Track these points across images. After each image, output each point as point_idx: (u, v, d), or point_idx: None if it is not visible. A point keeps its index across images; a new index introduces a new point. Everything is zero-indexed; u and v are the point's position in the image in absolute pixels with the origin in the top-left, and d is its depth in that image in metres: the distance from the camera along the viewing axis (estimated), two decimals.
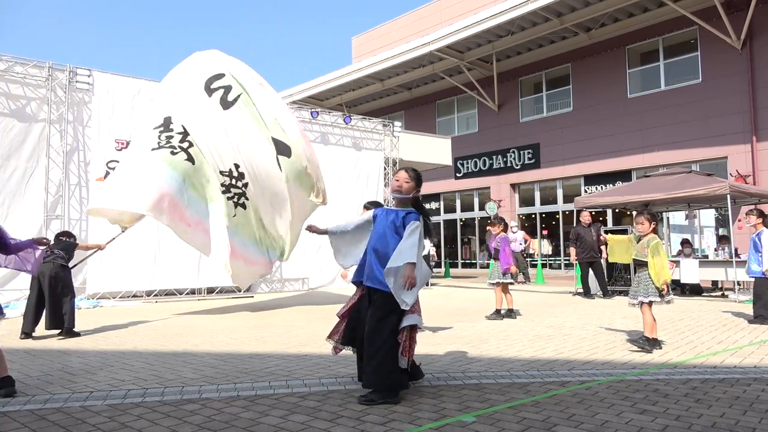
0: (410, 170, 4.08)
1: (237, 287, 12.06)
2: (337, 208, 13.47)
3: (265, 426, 3.21)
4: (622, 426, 3.15)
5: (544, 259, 21.06)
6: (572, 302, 10.35)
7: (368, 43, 27.98)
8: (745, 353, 5.26)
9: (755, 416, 3.32)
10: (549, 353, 5.35)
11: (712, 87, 16.97)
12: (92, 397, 3.89)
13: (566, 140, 20.38)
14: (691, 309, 8.80)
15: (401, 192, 3.98)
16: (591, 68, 19.84)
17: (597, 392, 3.88)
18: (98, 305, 10.09)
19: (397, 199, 4.05)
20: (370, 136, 14.86)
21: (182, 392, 3.98)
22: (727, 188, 10.31)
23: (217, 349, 5.75)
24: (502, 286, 8.06)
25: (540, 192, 21.95)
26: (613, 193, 13.07)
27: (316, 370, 4.70)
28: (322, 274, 12.92)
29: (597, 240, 11.36)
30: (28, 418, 3.41)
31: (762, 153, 15.97)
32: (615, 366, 4.76)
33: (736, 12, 16.26)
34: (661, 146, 17.79)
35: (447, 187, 24.40)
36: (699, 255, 12.91)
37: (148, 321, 8.18)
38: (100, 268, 10.43)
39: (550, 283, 15.64)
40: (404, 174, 4.03)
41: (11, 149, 10.01)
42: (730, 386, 4.02)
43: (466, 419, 3.29)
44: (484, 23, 19.07)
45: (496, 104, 22.64)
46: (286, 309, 9.61)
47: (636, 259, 5.62)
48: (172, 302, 10.91)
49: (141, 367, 4.89)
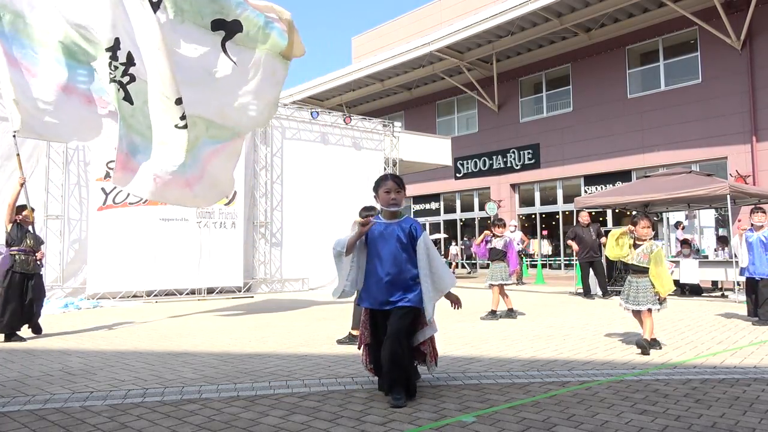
0: (395, 177, 3.93)
1: (237, 287, 12.08)
2: (337, 208, 13.47)
3: (265, 426, 3.21)
4: (622, 426, 3.14)
5: (544, 259, 21.05)
6: (572, 302, 10.35)
7: (368, 43, 27.98)
8: (745, 353, 5.26)
9: (755, 416, 3.32)
10: (549, 353, 5.35)
11: (712, 87, 16.97)
12: (92, 397, 3.88)
13: (566, 140, 20.38)
14: (691, 309, 8.79)
15: (398, 204, 3.84)
16: (591, 68, 19.84)
17: (597, 392, 3.87)
18: (98, 305, 10.09)
19: (392, 213, 3.86)
20: (370, 136, 14.86)
21: (182, 392, 3.98)
22: (727, 188, 10.31)
23: (217, 349, 5.75)
24: (500, 287, 8.06)
25: (540, 192, 21.95)
26: (613, 193, 13.07)
27: (316, 370, 4.70)
28: (322, 274, 12.90)
29: (597, 238, 11.42)
30: (28, 418, 3.40)
31: (762, 153, 15.97)
32: (615, 366, 4.76)
33: (736, 12, 16.26)
34: (661, 146, 17.79)
35: (447, 188, 24.41)
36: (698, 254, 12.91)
37: (148, 321, 8.17)
38: (100, 268, 10.43)
39: (549, 283, 15.63)
40: (393, 184, 3.84)
41: (11, 149, 9.98)
42: (730, 386, 4.01)
43: (466, 419, 3.29)
44: (484, 23, 19.08)
45: (496, 104, 22.64)
46: (286, 309, 9.61)
47: (636, 265, 5.47)
48: (172, 302, 10.91)
49: (141, 367, 4.89)
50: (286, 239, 13.15)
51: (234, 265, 11.94)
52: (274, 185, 13.22)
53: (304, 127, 13.75)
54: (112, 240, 10.47)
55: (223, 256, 11.73)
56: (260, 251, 12.91)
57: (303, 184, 13.40)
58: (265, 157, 13.09)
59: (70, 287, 10.65)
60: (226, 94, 6.75)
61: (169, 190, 6.73)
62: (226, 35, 6.56)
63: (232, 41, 6.61)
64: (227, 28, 6.55)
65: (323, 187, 13.53)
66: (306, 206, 13.26)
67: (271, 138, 13.19)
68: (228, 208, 11.92)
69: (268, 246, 13.02)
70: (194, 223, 11.45)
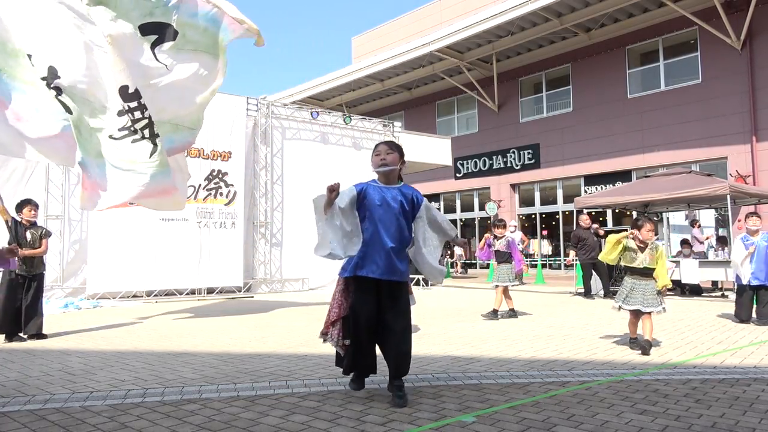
0: (387, 141, 3.89)
1: (237, 287, 12.08)
2: None
3: (265, 426, 3.21)
4: (622, 426, 3.15)
5: (544, 260, 21.05)
6: (572, 302, 10.35)
7: (368, 43, 27.98)
8: (745, 353, 5.26)
9: (755, 416, 3.32)
10: (549, 353, 5.35)
11: (712, 87, 16.97)
12: (92, 397, 3.88)
13: (566, 140, 20.38)
14: (691, 309, 8.79)
15: (387, 164, 3.69)
16: (591, 68, 19.84)
17: (597, 392, 3.88)
18: (98, 305, 10.09)
19: (384, 174, 3.72)
20: (370, 136, 14.86)
21: (182, 392, 3.98)
22: (727, 188, 10.31)
23: (217, 349, 5.75)
24: (504, 288, 8.10)
25: (540, 192, 21.95)
26: (613, 193, 13.07)
27: (316, 370, 4.70)
28: (322, 274, 12.90)
29: (598, 239, 11.46)
30: (28, 418, 3.40)
31: (762, 153, 15.97)
32: (615, 366, 4.76)
33: (736, 12, 16.26)
34: (661, 146, 17.79)
35: (447, 188, 24.40)
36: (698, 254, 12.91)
37: (148, 321, 8.18)
38: (100, 268, 10.43)
39: (549, 283, 15.64)
40: (384, 146, 3.76)
41: None
42: (730, 386, 4.01)
43: (466, 419, 3.29)
44: (484, 23, 19.08)
45: (496, 104, 22.64)
46: (286, 309, 9.61)
47: (647, 268, 5.41)
48: (172, 302, 10.91)
49: (141, 367, 4.89)
50: (286, 239, 13.15)
51: (234, 265, 11.94)
52: (275, 185, 13.22)
53: (304, 127, 13.75)
54: (112, 240, 10.47)
55: (223, 256, 11.73)
56: (260, 251, 12.91)
57: (303, 184, 13.37)
58: (265, 157, 13.09)
59: (70, 287, 10.65)
60: (169, 96, 6.16)
61: (146, 199, 6.39)
62: (157, 39, 5.97)
63: (165, 46, 6.03)
64: (158, 31, 5.97)
65: (323, 188, 13.47)
66: (306, 206, 13.03)
67: (271, 138, 13.19)
68: (228, 208, 11.93)
69: (268, 246, 13.02)
70: (194, 223, 11.46)
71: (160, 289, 11.27)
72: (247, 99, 12.76)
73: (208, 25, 6.18)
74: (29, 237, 6.57)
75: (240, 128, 12.30)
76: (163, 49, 6.04)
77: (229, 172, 11.97)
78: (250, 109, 12.82)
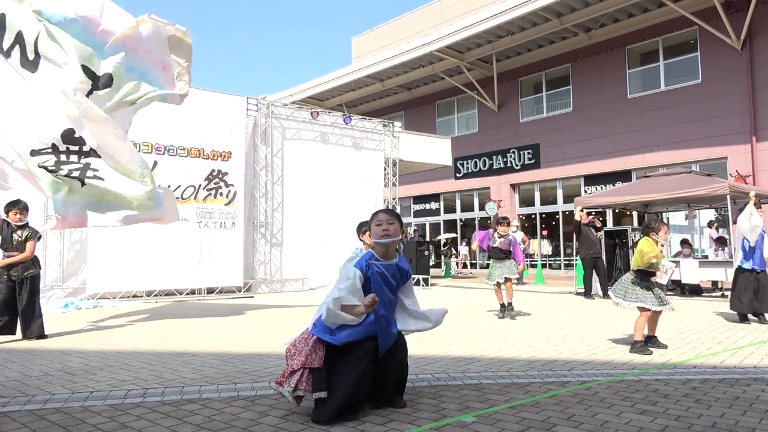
0: (387, 210, 3.75)
1: (237, 287, 12.08)
2: (338, 208, 13.49)
3: (265, 426, 3.21)
4: (622, 426, 3.15)
5: (544, 259, 21.06)
6: (572, 302, 10.35)
7: (368, 43, 27.99)
8: (745, 353, 5.26)
9: (755, 416, 3.32)
10: (549, 353, 5.35)
11: (712, 87, 16.97)
12: (92, 397, 3.88)
13: (566, 140, 20.39)
14: (691, 309, 8.80)
15: (390, 235, 3.50)
16: (591, 68, 19.84)
17: (597, 392, 3.88)
18: (98, 305, 10.09)
19: (386, 245, 3.54)
20: (370, 136, 14.86)
21: (182, 392, 3.98)
22: (726, 188, 10.31)
23: (217, 349, 5.75)
24: (507, 280, 8.12)
25: (540, 192, 21.96)
26: (613, 193, 13.08)
27: None
28: (322, 274, 12.92)
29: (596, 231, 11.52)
30: (28, 418, 3.40)
31: (762, 153, 15.98)
32: (615, 366, 4.76)
33: (736, 12, 16.26)
34: (661, 146, 17.79)
35: (447, 188, 24.41)
36: (699, 255, 12.91)
37: (148, 321, 8.17)
38: (100, 268, 10.44)
39: (549, 283, 15.64)
40: (385, 215, 3.56)
41: None
42: (730, 386, 4.02)
43: (466, 419, 3.29)
44: (484, 23, 19.08)
45: (496, 104, 22.64)
46: (286, 309, 9.61)
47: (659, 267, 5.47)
48: (172, 302, 10.90)
49: (141, 367, 4.89)
50: (286, 239, 13.16)
51: (234, 265, 11.94)
52: (275, 185, 13.22)
53: (304, 127, 13.76)
54: (112, 240, 10.46)
55: (223, 256, 11.74)
56: (260, 251, 12.91)
57: (303, 185, 13.40)
58: (265, 157, 13.09)
59: (70, 287, 10.65)
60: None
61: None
62: (93, 85, 5.83)
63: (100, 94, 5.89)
64: (95, 78, 5.83)
65: (323, 188, 13.54)
66: (306, 206, 13.27)
67: (271, 138, 13.19)
68: (228, 208, 11.93)
69: (268, 246, 13.02)
70: (194, 223, 11.46)
71: (160, 289, 11.27)
72: (247, 99, 12.76)
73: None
74: (15, 239, 6.42)
75: (240, 128, 12.31)
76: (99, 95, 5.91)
77: (229, 172, 11.98)
78: (250, 109, 12.82)
